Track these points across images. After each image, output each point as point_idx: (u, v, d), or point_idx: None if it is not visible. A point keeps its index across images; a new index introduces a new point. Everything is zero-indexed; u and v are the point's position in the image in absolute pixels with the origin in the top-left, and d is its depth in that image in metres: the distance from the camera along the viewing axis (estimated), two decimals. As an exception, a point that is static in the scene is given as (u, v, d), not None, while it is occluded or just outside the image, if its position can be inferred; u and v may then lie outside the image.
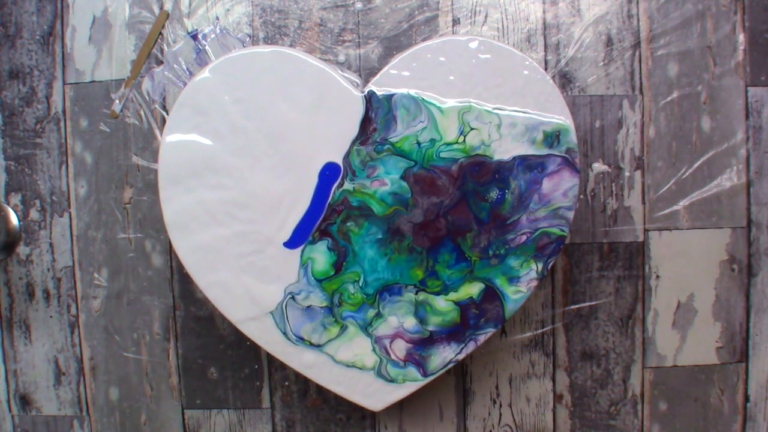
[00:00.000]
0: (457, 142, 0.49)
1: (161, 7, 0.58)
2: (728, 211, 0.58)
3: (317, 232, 0.50)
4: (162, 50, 0.58)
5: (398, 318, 0.51)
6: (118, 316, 0.60)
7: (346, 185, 0.50)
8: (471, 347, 0.52)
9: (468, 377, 0.60)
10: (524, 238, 0.50)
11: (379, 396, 0.53)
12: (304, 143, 0.49)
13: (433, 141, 0.49)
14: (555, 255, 0.50)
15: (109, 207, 0.59)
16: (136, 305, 0.60)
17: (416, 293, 0.51)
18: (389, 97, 0.49)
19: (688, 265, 0.59)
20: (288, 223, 0.50)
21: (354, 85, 0.50)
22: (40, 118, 0.59)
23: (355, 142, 0.49)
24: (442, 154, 0.49)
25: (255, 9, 0.58)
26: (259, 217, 0.50)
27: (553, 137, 0.49)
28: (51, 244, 0.60)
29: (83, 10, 0.58)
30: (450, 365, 0.52)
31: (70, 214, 0.59)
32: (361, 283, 0.51)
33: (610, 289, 0.59)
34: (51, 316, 0.60)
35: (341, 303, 0.51)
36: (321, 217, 0.50)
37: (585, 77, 0.58)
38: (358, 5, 0.57)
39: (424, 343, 0.51)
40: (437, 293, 0.51)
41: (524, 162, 0.49)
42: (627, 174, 0.58)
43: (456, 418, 0.60)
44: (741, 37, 0.57)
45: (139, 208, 0.59)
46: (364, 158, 0.49)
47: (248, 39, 0.58)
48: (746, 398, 0.60)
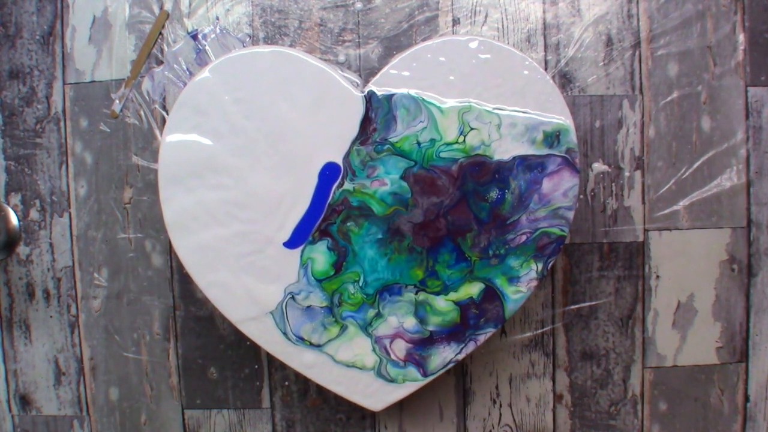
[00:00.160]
0: (457, 142, 0.49)
1: (161, 7, 0.58)
2: (728, 211, 0.58)
3: (317, 232, 0.50)
4: (162, 50, 0.58)
5: (398, 318, 0.51)
6: (118, 316, 0.60)
7: (346, 185, 0.50)
8: (471, 347, 0.52)
9: (468, 377, 0.60)
10: (524, 238, 0.50)
11: (379, 396, 0.53)
12: (304, 143, 0.49)
13: (433, 141, 0.49)
14: (555, 255, 0.50)
15: (109, 207, 0.59)
16: (136, 305, 0.60)
17: (416, 293, 0.51)
18: (389, 97, 0.49)
19: (688, 265, 0.59)
20: (288, 223, 0.50)
21: (354, 85, 0.50)
22: (40, 118, 0.59)
23: (355, 142, 0.49)
24: (442, 154, 0.49)
25: (255, 9, 0.58)
26: (259, 217, 0.50)
27: (553, 137, 0.49)
28: (51, 244, 0.60)
29: (83, 10, 0.58)
30: (450, 365, 0.52)
31: (70, 214, 0.59)
32: (361, 283, 0.51)
33: (610, 289, 0.59)
34: (51, 316, 0.60)
35: (341, 303, 0.51)
36: (321, 217, 0.50)
37: (585, 77, 0.57)
38: (358, 5, 0.57)
39: (424, 343, 0.51)
40: (437, 293, 0.51)
41: (524, 162, 0.49)
42: (627, 174, 0.58)
43: (456, 418, 0.60)
44: (741, 37, 0.57)
45: (139, 208, 0.59)
46: (364, 158, 0.49)
47: (248, 39, 0.58)
48: (746, 398, 0.60)
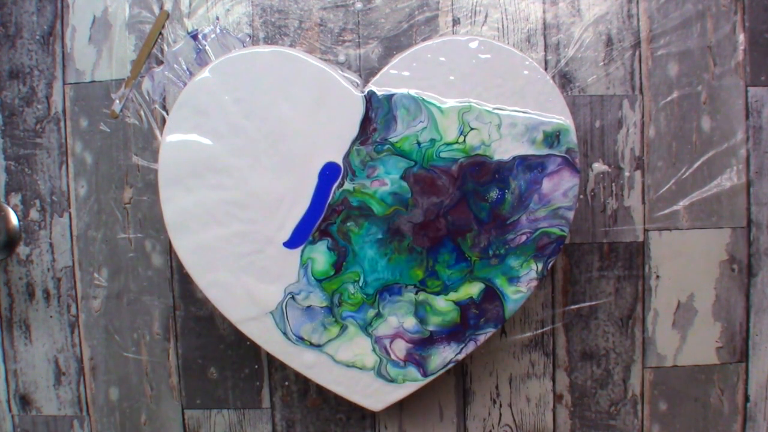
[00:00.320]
0: (457, 142, 0.49)
1: (161, 7, 0.58)
2: (728, 211, 0.58)
3: (317, 232, 0.50)
4: (162, 50, 0.58)
5: (398, 318, 0.51)
6: (118, 316, 0.60)
7: (346, 185, 0.50)
8: (471, 347, 0.52)
9: (468, 377, 0.60)
10: (524, 238, 0.50)
11: (379, 396, 0.53)
12: (304, 143, 0.49)
13: (433, 141, 0.49)
14: (555, 255, 0.50)
15: (109, 207, 0.59)
16: (136, 305, 0.60)
17: (416, 293, 0.51)
18: (389, 97, 0.49)
19: (688, 265, 0.59)
20: (288, 223, 0.50)
21: (354, 85, 0.50)
22: (40, 118, 0.59)
23: (355, 142, 0.49)
24: (442, 154, 0.49)
25: (255, 9, 0.58)
26: (259, 217, 0.50)
27: (553, 137, 0.49)
28: (51, 244, 0.60)
29: (83, 10, 0.58)
30: (450, 365, 0.52)
31: (70, 214, 0.59)
32: (361, 283, 0.51)
33: (610, 289, 0.59)
34: (51, 316, 0.60)
35: (341, 303, 0.51)
36: (321, 217, 0.50)
37: (585, 77, 0.57)
38: (358, 5, 0.57)
39: (424, 343, 0.51)
40: (437, 293, 0.51)
41: (524, 162, 0.49)
42: (627, 174, 0.58)
43: (456, 418, 0.60)
44: (741, 37, 0.57)
45: (139, 208, 0.59)
46: (364, 158, 0.49)
47: (248, 39, 0.58)
48: (746, 398, 0.60)
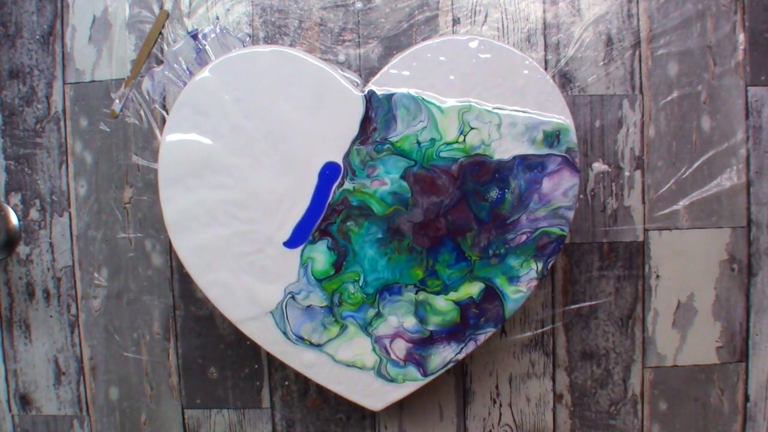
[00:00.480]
0: (457, 142, 0.49)
1: (161, 7, 0.58)
2: (728, 210, 0.58)
3: (317, 231, 0.50)
4: (162, 50, 0.58)
5: (398, 317, 0.51)
6: (118, 315, 0.60)
7: (346, 185, 0.50)
8: (471, 347, 0.52)
9: (468, 377, 0.60)
10: (524, 237, 0.50)
11: (379, 396, 0.53)
12: (304, 143, 0.49)
13: (433, 140, 0.49)
14: (555, 255, 0.50)
15: (109, 207, 0.59)
16: (136, 305, 0.60)
17: (416, 293, 0.51)
18: (389, 97, 0.49)
19: (688, 264, 0.59)
20: (288, 222, 0.50)
21: (354, 85, 0.50)
22: (40, 117, 0.59)
23: (355, 141, 0.49)
24: (442, 154, 0.49)
25: (255, 9, 0.58)
26: (259, 216, 0.50)
27: (553, 137, 0.49)
28: (51, 244, 0.60)
29: (83, 9, 0.58)
30: (450, 365, 0.52)
31: (70, 213, 0.59)
32: (361, 283, 0.51)
33: (610, 289, 0.59)
34: (51, 316, 0.60)
35: (341, 303, 0.51)
36: (321, 216, 0.50)
37: (585, 77, 0.57)
38: (358, 5, 0.57)
39: (424, 342, 0.51)
40: (437, 293, 0.51)
41: (524, 161, 0.49)
42: (627, 174, 0.58)
43: (456, 418, 0.60)
44: (741, 37, 0.57)
45: (139, 207, 0.59)
46: (364, 158, 0.49)
47: (248, 39, 0.58)
48: (746, 398, 0.60)
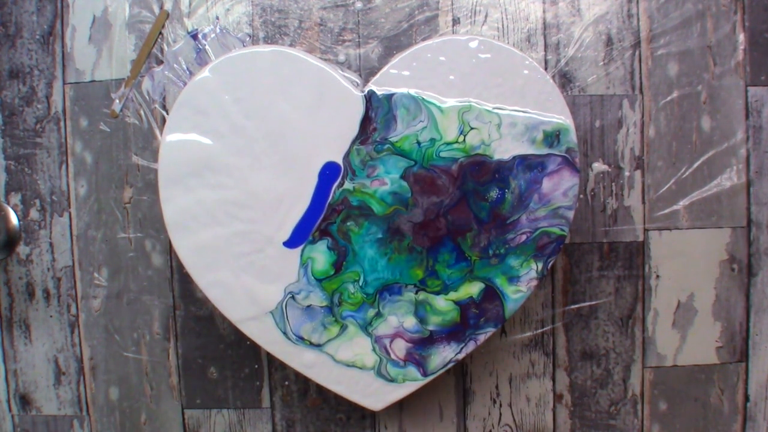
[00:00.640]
0: (457, 142, 0.49)
1: (161, 7, 0.58)
2: (728, 210, 0.58)
3: (317, 231, 0.50)
4: (162, 50, 0.58)
5: (398, 317, 0.51)
6: (118, 315, 0.60)
7: (346, 185, 0.50)
8: (471, 347, 0.52)
9: (468, 377, 0.60)
10: (524, 237, 0.50)
11: (379, 396, 0.53)
12: (304, 143, 0.49)
13: (433, 140, 0.49)
14: (555, 254, 0.50)
15: (109, 207, 0.59)
16: (136, 305, 0.60)
17: (416, 293, 0.51)
18: (389, 97, 0.49)
19: (688, 264, 0.59)
20: (288, 222, 0.50)
21: (354, 85, 0.50)
22: (40, 117, 0.59)
23: (355, 141, 0.49)
24: (442, 154, 0.49)
25: (255, 9, 0.58)
26: (259, 216, 0.50)
27: (553, 137, 0.49)
28: (51, 244, 0.60)
29: (83, 9, 0.58)
30: (450, 365, 0.52)
31: (70, 213, 0.59)
32: (361, 283, 0.51)
33: (610, 289, 0.59)
34: (51, 316, 0.60)
35: (341, 302, 0.51)
36: (321, 216, 0.50)
37: (585, 77, 0.57)
38: (358, 5, 0.57)
39: (424, 342, 0.51)
40: (437, 293, 0.51)
41: (524, 161, 0.49)
42: (627, 174, 0.58)
43: (456, 418, 0.60)
44: (741, 37, 0.57)
45: (139, 207, 0.59)
46: (364, 158, 0.49)
47: (248, 39, 0.58)
48: (746, 398, 0.60)
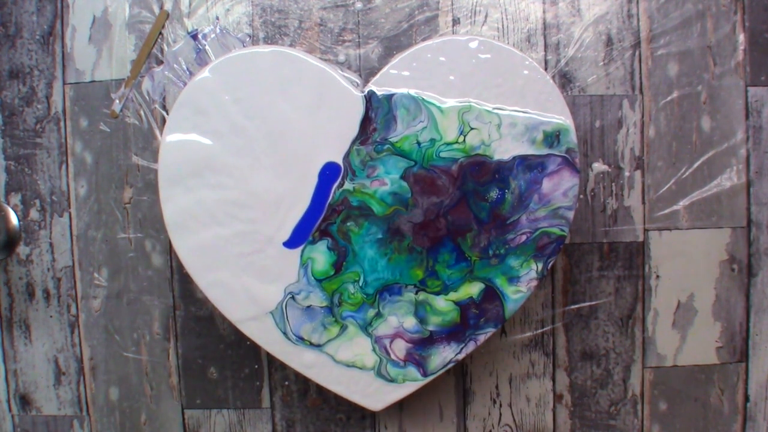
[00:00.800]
0: (457, 142, 0.49)
1: (161, 7, 0.58)
2: (728, 211, 0.58)
3: (317, 231, 0.50)
4: (162, 50, 0.58)
5: (398, 318, 0.51)
6: (118, 316, 0.60)
7: (346, 185, 0.50)
8: (471, 347, 0.52)
9: (468, 377, 0.60)
10: (524, 237, 0.50)
11: (379, 396, 0.53)
12: (304, 143, 0.49)
13: (433, 141, 0.49)
14: (555, 255, 0.50)
15: (109, 207, 0.59)
16: (136, 305, 0.60)
17: (416, 293, 0.51)
18: (389, 97, 0.49)
19: (688, 265, 0.59)
20: (288, 222, 0.50)
21: (354, 85, 0.50)
22: (40, 117, 0.59)
23: (355, 141, 0.49)
24: (442, 154, 0.49)
25: (255, 9, 0.58)
26: (259, 216, 0.50)
27: (553, 137, 0.49)
28: (51, 244, 0.60)
29: (83, 10, 0.58)
30: (450, 365, 0.52)
31: (70, 214, 0.59)
32: (361, 283, 0.51)
33: (610, 289, 0.59)
34: (51, 316, 0.60)
35: (341, 303, 0.51)
36: (321, 216, 0.50)
37: (585, 77, 0.57)
38: (358, 5, 0.57)
39: (424, 342, 0.51)
40: (437, 293, 0.51)
41: (524, 162, 0.49)
42: (627, 174, 0.58)
43: (456, 418, 0.60)
44: (741, 37, 0.57)
45: (139, 208, 0.59)
46: (364, 158, 0.49)
47: (248, 39, 0.58)
48: (746, 398, 0.60)
